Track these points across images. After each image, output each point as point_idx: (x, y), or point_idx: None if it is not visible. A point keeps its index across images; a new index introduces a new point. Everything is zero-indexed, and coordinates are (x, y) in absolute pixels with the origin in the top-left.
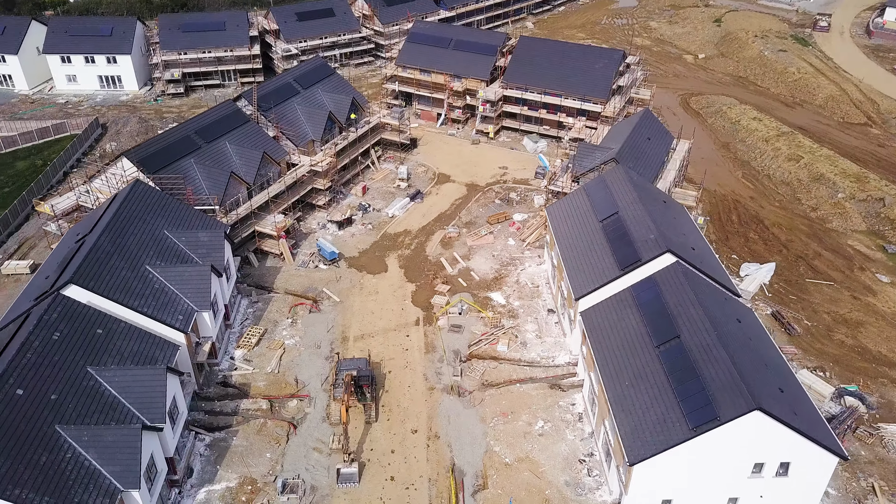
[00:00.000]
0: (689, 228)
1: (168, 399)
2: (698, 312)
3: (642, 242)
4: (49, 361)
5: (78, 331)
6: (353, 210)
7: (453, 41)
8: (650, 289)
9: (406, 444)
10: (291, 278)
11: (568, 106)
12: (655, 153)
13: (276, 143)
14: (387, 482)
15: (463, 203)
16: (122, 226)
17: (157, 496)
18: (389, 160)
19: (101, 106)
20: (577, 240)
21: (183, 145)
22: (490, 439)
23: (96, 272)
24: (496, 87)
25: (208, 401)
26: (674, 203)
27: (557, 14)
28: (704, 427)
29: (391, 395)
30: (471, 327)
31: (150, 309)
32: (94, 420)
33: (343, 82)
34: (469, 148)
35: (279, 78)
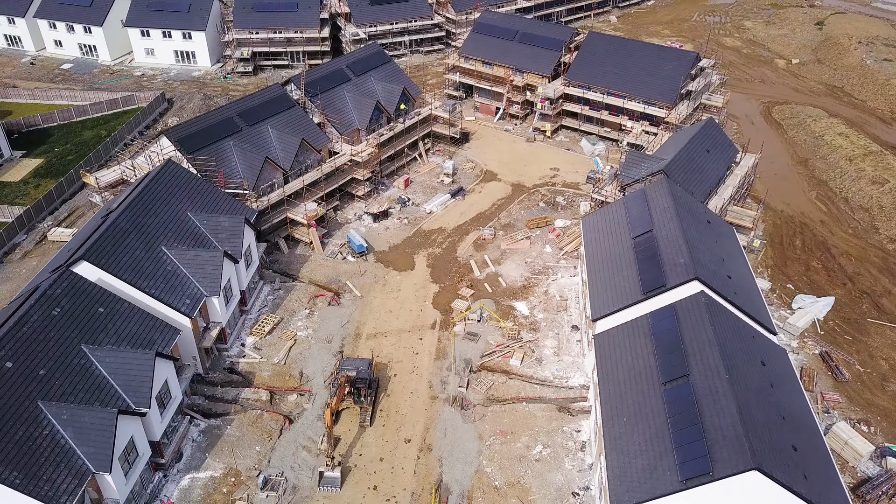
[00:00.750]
0: (732, 253)
1: (157, 384)
2: (713, 351)
3: (671, 266)
4: (44, 336)
5: (79, 308)
6: (391, 203)
7: (519, 34)
8: (668, 318)
9: (396, 454)
10: (318, 268)
11: (631, 109)
12: (713, 167)
13: (319, 130)
14: (369, 491)
15: (505, 204)
16: (145, 205)
17: (136, 479)
18: (439, 153)
19: (174, 80)
20: (606, 256)
21: (223, 127)
22: (484, 458)
23: (110, 250)
24: (558, 84)
25: (212, 386)
26: (721, 223)
27: (645, 9)
28: (696, 481)
29: (391, 399)
30: (487, 336)
31: (158, 291)
32: (79, 399)
33: (397, 71)
34: (523, 146)
35: (332, 63)
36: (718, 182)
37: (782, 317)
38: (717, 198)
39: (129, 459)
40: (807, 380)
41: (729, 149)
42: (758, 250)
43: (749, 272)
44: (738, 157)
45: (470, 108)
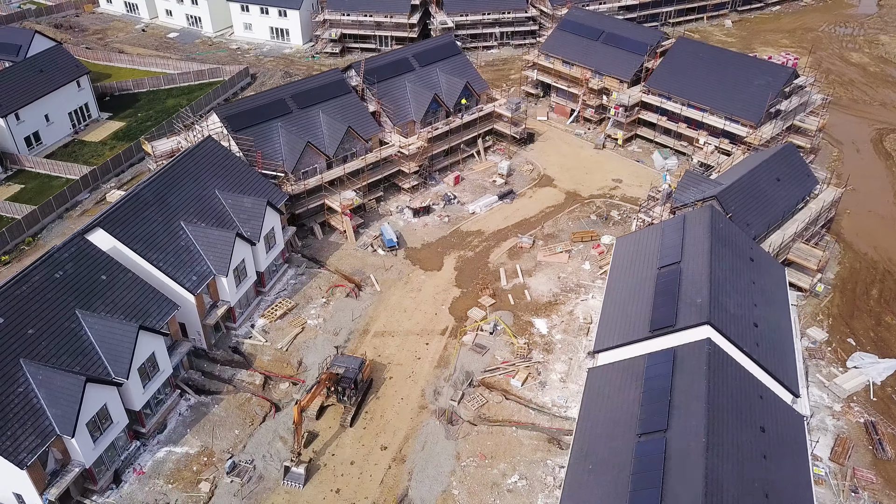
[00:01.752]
0: (773, 297)
1: (140, 356)
2: (699, 408)
3: (686, 305)
4: (41, 297)
5: (82, 273)
6: (435, 199)
7: (604, 34)
8: (664, 363)
9: (369, 459)
10: (346, 257)
11: (710, 124)
12: (781, 197)
13: (371, 119)
14: (331, 493)
15: (553, 212)
16: (172, 179)
17: (108, 445)
18: (499, 152)
19: (265, 56)
20: (627, 283)
21: (273, 108)
22: (455, 479)
23: (127, 220)
24: (636, 90)
25: (212, 363)
26: (769, 263)
27: (767, 15)
28: None
29: (380, 402)
30: (496, 351)
31: (166, 264)
32: (61, 362)
33: (465, 65)
34: (590, 152)
35: (398, 52)
36: (784, 215)
37: (831, 374)
38: (779, 233)
39: (100, 426)
40: (839, 450)
41: (806, 179)
42: (821, 295)
43: (789, 321)
44: (819, 189)
45: (545, 107)
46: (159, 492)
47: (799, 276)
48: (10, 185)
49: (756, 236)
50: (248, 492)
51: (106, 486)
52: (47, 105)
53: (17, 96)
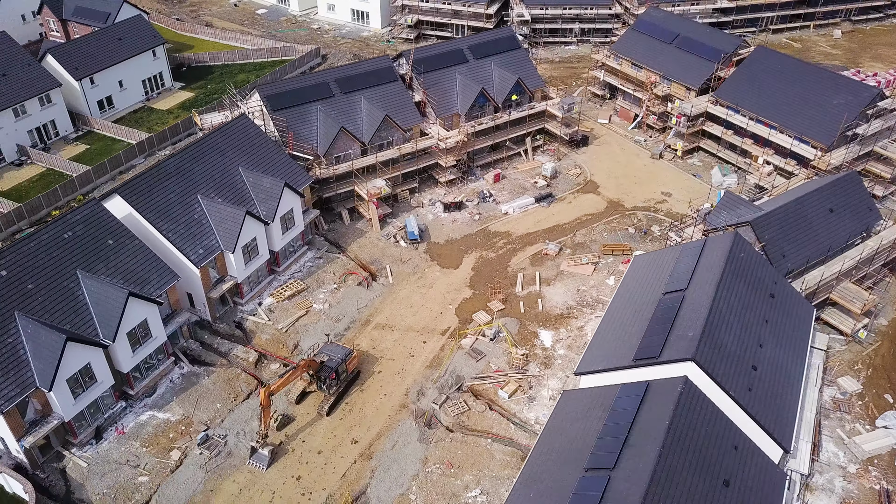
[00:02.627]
0: (786, 340)
1: (131, 321)
2: (652, 450)
3: (678, 337)
4: (47, 255)
5: (90, 236)
6: (470, 195)
7: (678, 38)
8: (633, 397)
9: (337, 451)
10: (368, 246)
11: (777, 142)
12: (831, 231)
13: (414, 109)
14: (291, 479)
15: (590, 221)
16: (199, 153)
17: (91, 403)
18: (549, 152)
19: (343, 38)
20: (629, 305)
21: (316, 91)
22: (415, 484)
23: (145, 189)
24: (702, 100)
25: (213, 335)
26: (796, 302)
27: (887, 26)
28: None
29: (362, 396)
30: (492, 358)
31: (174, 236)
32: (55, 318)
33: (523, 60)
34: (644, 161)
35: (453, 42)
36: (831, 250)
37: (854, 431)
38: (823, 268)
39: (83, 383)
40: None
41: (866, 213)
42: (865, 343)
43: (803, 366)
44: (880, 226)
45: (609, 110)
46: (133, 453)
47: (842, 318)
48: (77, 145)
49: (791, 270)
50: (213, 466)
51: (86, 441)
52: (122, 71)
53: (93, 61)
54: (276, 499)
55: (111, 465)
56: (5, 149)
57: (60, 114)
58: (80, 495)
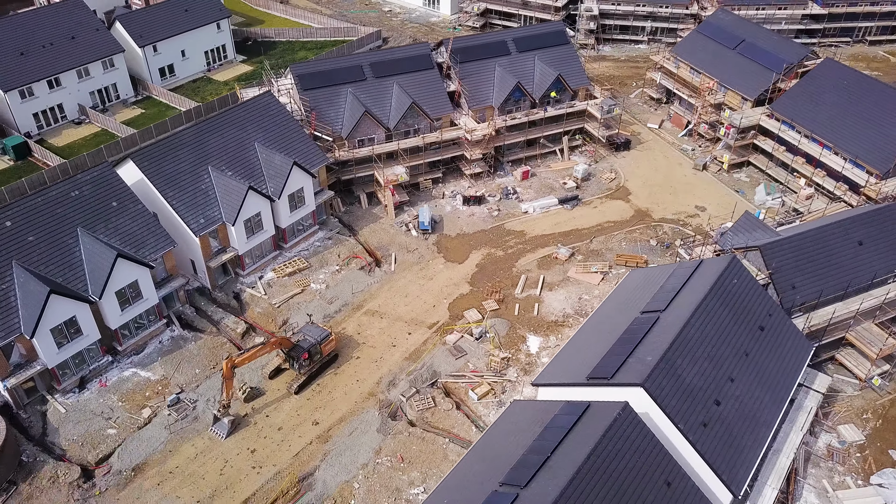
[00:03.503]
0: (768, 377)
1: (119, 281)
2: (568, 473)
3: (636, 360)
4: (52, 211)
5: (96, 196)
6: (494, 190)
7: (742, 43)
8: (570, 417)
9: (296, 430)
10: (379, 231)
11: (829, 163)
12: (856, 265)
13: (446, 98)
14: (246, 451)
15: (612, 228)
16: (218, 126)
17: (76, 353)
18: (587, 153)
19: (411, 22)
20: (604, 321)
21: (348, 73)
22: (362, 473)
23: (158, 156)
24: (756, 112)
25: (210, 302)
26: (791, 337)
27: None
28: None
29: (334, 379)
30: (473, 358)
31: (178, 203)
32: (49, 271)
33: (569, 57)
34: (686, 172)
35: (498, 34)
36: (853, 286)
37: (842, 485)
38: (841, 305)
39: (67, 334)
40: None
41: None
42: (880, 390)
43: (780, 407)
44: None
45: (662, 115)
46: (109, 406)
47: (859, 361)
48: (134, 109)
49: (803, 303)
50: (178, 428)
51: (69, 389)
52: (185, 41)
53: (158, 30)
54: (228, 468)
55: (87, 414)
56: (67, 107)
57: (122, 78)
58: (52, 438)
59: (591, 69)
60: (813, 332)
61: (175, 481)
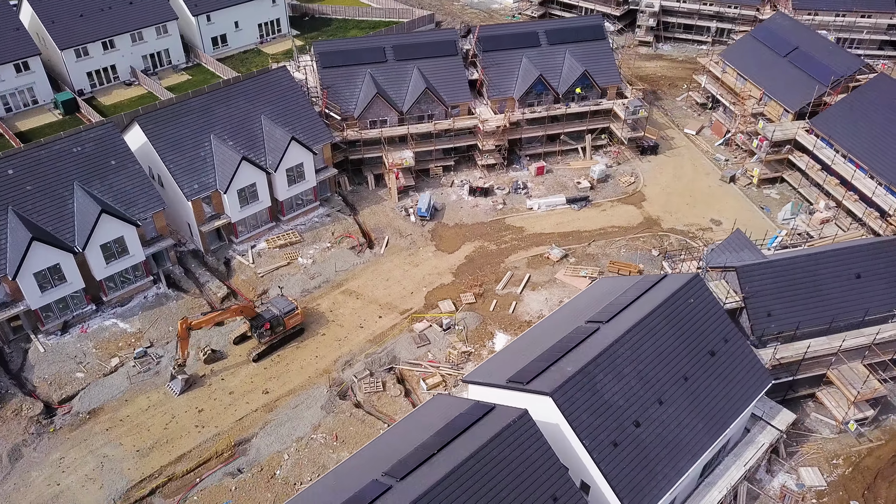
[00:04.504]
0: (705, 405)
1: (103, 236)
2: (439, 473)
3: (556, 369)
4: (53, 164)
5: (96, 153)
6: (504, 183)
7: (795, 51)
8: (471, 417)
9: (245, 398)
10: (379, 213)
11: (859, 187)
12: (849, 300)
13: (465, 87)
14: (194, 410)
15: (615, 233)
16: (228, 96)
17: (60, 299)
18: (611, 154)
19: (471, 7)
20: (553, 325)
21: (369, 54)
22: (295, 446)
23: (163, 121)
24: (794, 126)
25: (200, 265)
26: (744, 367)
27: None
28: None
29: (295, 352)
30: (435, 348)
31: (175, 167)
32: (41, 219)
33: (603, 53)
34: (711, 183)
35: (530, 24)
36: (838, 320)
37: None
38: (821, 340)
39: (51, 280)
40: None
41: None
42: (858, 437)
43: (713, 438)
44: None
45: (702, 121)
46: (83, 351)
47: (839, 402)
48: (182, 75)
49: (779, 332)
50: (139, 380)
51: (52, 331)
52: (239, 13)
53: (213, 0)
54: (173, 423)
55: (62, 356)
56: (120, 68)
57: (174, 44)
58: (27, 374)
59: (643, 68)
60: (785, 365)
61: (123, 429)
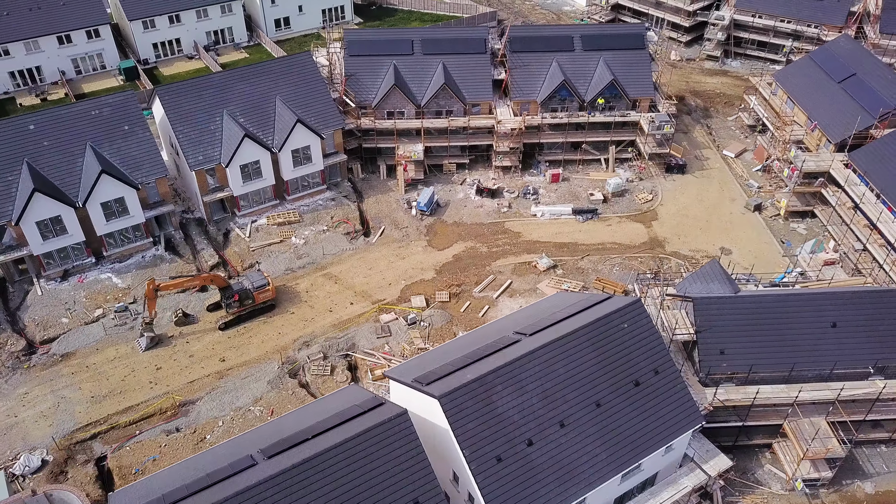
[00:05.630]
0: (610, 434)
1: (105, 195)
2: (297, 460)
3: (458, 375)
4: (71, 123)
5: (112, 118)
6: (515, 186)
7: (851, 78)
8: (358, 408)
9: (202, 362)
10: (383, 202)
11: (884, 231)
12: (816, 348)
13: (488, 85)
14: (153, 367)
15: (613, 250)
16: (246, 75)
17: (61, 248)
18: (635, 169)
19: (542, 8)
20: (487, 332)
21: (396, 45)
22: (232, 415)
23: (180, 93)
24: (832, 158)
25: (202, 233)
26: (674, 401)
27: None
28: None
29: (260, 327)
30: (394, 342)
31: (183, 139)
32: (51, 173)
33: (640, 63)
34: (734, 210)
35: (567, 28)
36: (800, 370)
37: None
38: (777, 388)
39: (52, 229)
40: None
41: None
42: (804, 495)
43: (615, 471)
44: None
45: (746, 144)
46: (74, 299)
47: (793, 457)
48: (241, 52)
49: (732, 373)
50: (113, 332)
51: (53, 277)
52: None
53: None
54: (130, 377)
55: (55, 301)
56: (184, 42)
57: (238, 23)
58: (21, 314)
59: (702, 83)
60: (735, 409)
61: (86, 374)
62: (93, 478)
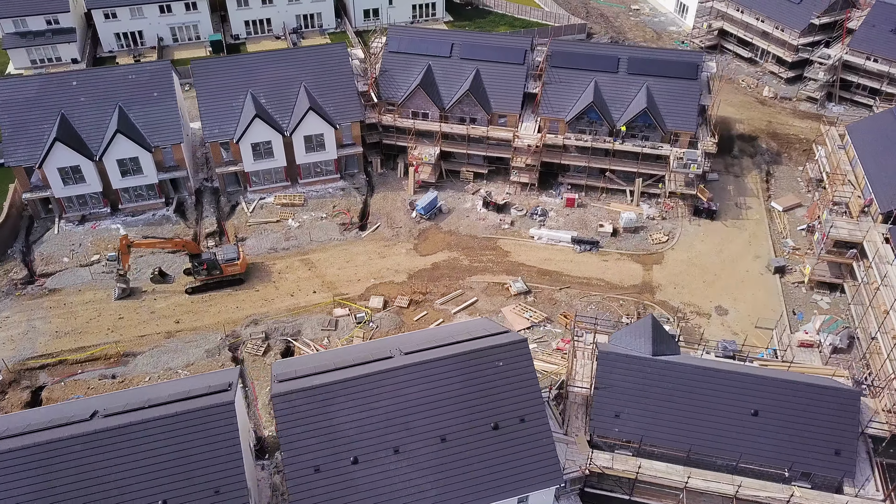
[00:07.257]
0: (452, 473)
1: (120, 153)
2: (119, 424)
3: (313, 379)
4: (108, 84)
5: (144, 84)
6: (526, 205)
7: None
8: (209, 387)
9: (160, 320)
10: (389, 200)
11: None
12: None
13: (517, 97)
14: (115, 315)
15: (598, 288)
16: (277, 59)
17: (80, 195)
18: (662, 206)
19: (644, 25)
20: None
21: (435, 47)
22: (160, 374)
23: (212, 69)
24: (870, 227)
25: (213, 201)
26: (536, 452)
27: None
28: None
29: (222, 298)
30: (336, 337)
31: (206, 111)
32: (82, 127)
33: (686, 94)
34: (752, 268)
35: (615, 48)
36: (700, 453)
37: None
38: (665, 467)
39: (72, 176)
40: None
41: (827, 456)
42: None
43: None
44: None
45: (800, 198)
46: (81, 242)
47: None
48: (324, 37)
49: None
50: (98, 278)
51: (71, 220)
52: None
53: None
54: (95, 319)
55: (65, 241)
56: (274, 23)
57: (327, 9)
58: (36, 247)
59: (787, 125)
60: (618, 480)
61: (61, 311)
62: (25, 403)
